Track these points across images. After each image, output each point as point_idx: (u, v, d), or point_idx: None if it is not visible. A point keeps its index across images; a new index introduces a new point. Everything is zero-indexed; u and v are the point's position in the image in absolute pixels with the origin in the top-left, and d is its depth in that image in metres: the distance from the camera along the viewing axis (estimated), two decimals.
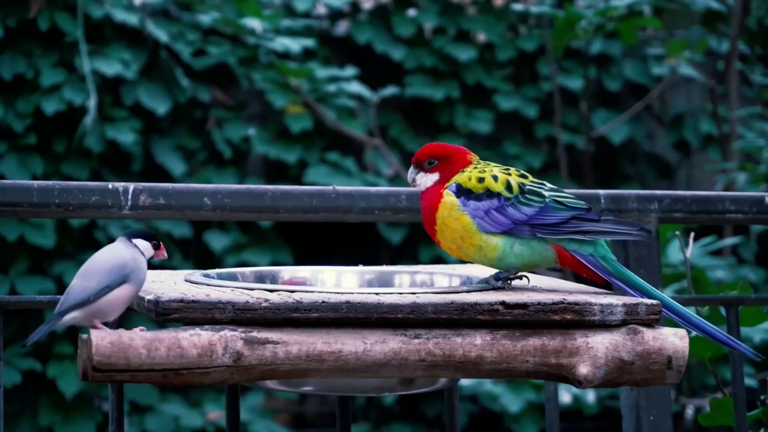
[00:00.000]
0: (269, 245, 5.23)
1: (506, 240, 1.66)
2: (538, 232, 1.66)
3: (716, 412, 2.21)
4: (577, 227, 1.66)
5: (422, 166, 1.76)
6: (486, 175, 1.71)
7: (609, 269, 1.66)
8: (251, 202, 2.10)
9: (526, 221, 1.66)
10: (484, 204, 1.68)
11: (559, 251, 1.67)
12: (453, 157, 1.76)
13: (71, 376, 4.69)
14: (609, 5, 4.80)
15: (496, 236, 1.67)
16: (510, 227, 1.66)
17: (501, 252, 1.66)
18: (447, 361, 1.53)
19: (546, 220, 1.66)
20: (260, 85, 5.33)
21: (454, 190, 1.70)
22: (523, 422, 5.03)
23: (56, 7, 4.97)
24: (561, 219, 1.66)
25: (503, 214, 1.66)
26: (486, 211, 1.67)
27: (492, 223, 1.66)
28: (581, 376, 1.56)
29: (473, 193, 1.69)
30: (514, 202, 1.67)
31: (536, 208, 1.67)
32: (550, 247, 1.67)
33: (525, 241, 1.66)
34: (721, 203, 2.29)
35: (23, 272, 4.81)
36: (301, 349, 1.48)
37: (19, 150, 4.91)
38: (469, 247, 1.68)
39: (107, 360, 1.42)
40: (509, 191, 1.69)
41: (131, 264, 1.52)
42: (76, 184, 2.00)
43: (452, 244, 1.70)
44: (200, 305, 1.47)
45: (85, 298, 1.49)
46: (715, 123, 5.33)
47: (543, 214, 1.66)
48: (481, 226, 1.67)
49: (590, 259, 1.66)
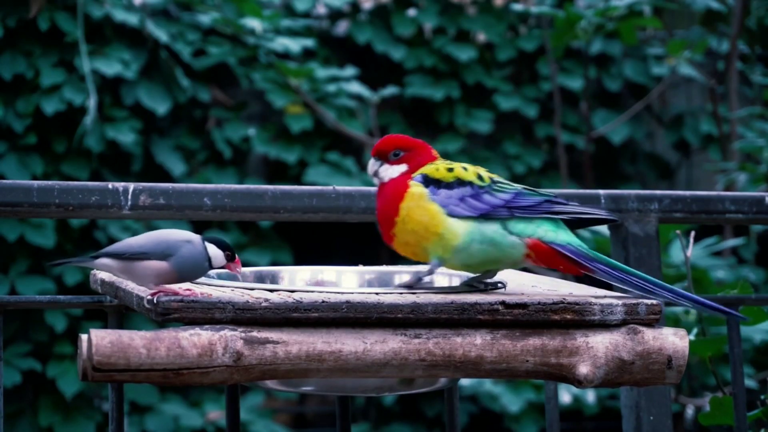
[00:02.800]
0: (269, 245, 5.23)
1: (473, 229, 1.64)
2: (516, 212, 1.65)
3: (716, 412, 2.21)
4: (551, 208, 1.66)
5: (386, 157, 1.72)
6: (455, 166, 1.70)
7: (590, 255, 1.65)
8: (251, 202, 2.10)
9: (503, 205, 1.66)
10: (457, 192, 1.66)
11: (535, 244, 1.65)
12: (419, 149, 1.73)
13: (71, 376, 4.69)
14: (609, 5, 4.80)
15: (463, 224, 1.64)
16: (488, 210, 1.65)
17: (461, 242, 1.64)
18: (447, 361, 1.53)
19: (522, 203, 1.66)
20: (260, 85, 5.33)
21: (421, 180, 1.68)
22: (523, 422, 5.03)
23: (56, 7, 4.97)
24: (535, 202, 1.67)
25: (479, 199, 1.66)
26: (460, 198, 1.66)
27: (468, 208, 1.65)
28: (581, 376, 1.56)
29: (443, 182, 1.67)
30: (488, 189, 1.67)
31: (511, 193, 1.67)
32: (522, 242, 1.65)
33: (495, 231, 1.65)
34: (721, 203, 2.29)
35: (23, 272, 4.81)
36: (301, 348, 1.48)
37: (19, 150, 4.91)
38: (431, 237, 1.65)
39: (107, 360, 1.42)
40: (481, 180, 1.68)
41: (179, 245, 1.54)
42: (76, 184, 2.00)
43: (410, 237, 1.66)
44: (200, 305, 1.47)
45: (120, 252, 1.53)
46: (715, 123, 5.33)
47: (518, 198, 1.67)
48: (454, 212, 1.65)
49: (569, 247, 1.65)
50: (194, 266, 1.56)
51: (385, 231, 1.69)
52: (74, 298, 1.98)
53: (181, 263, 1.54)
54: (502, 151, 5.75)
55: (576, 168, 5.74)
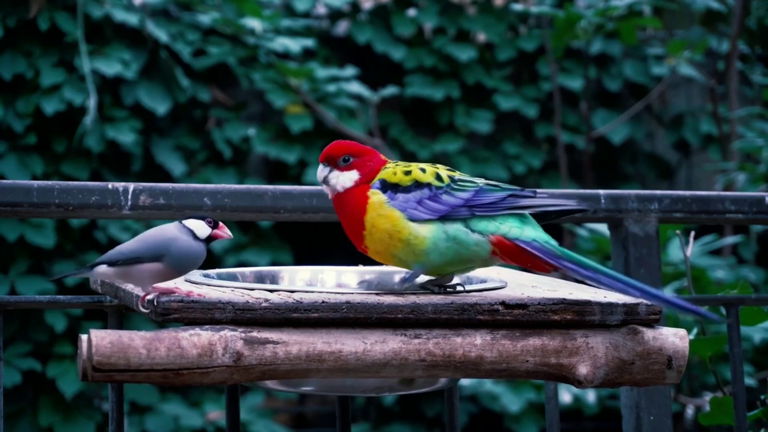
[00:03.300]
0: (269, 245, 5.23)
1: (435, 231, 1.60)
2: (477, 211, 1.60)
3: (716, 412, 2.21)
4: (514, 203, 1.60)
5: (335, 163, 1.66)
6: (413, 168, 1.65)
7: (557, 252, 1.59)
8: (251, 202, 2.09)
9: (463, 204, 1.60)
10: (415, 195, 1.61)
11: (499, 241, 1.60)
12: (369, 155, 1.67)
13: (71, 376, 4.69)
14: (609, 5, 4.80)
15: (425, 227, 1.60)
16: (447, 212, 1.60)
17: (429, 244, 1.60)
18: (447, 361, 1.53)
19: (483, 200, 1.60)
20: (260, 85, 5.33)
21: (379, 186, 1.63)
22: (523, 422, 5.03)
23: (56, 7, 4.97)
24: (498, 198, 1.61)
25: (437, 201, 1.61)
26: (418, 201, 1.61)
27: (426, 211, 1.60)
28: (581, 376, 1.56)
29: (401, 186, 1.62)
30: (446, 189, 1.62)
31: (471, 192, 1.61)
32: (486, 240, 1.60)
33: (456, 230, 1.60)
34: (721, 203, 2.29)
35: (23, 272, 4.81)
36: (301, 349, 1.48)
37: (19, 150, 4.91)
38: (397, 244, 1.61)
39: (107, 360, 1.42)
40: (439, 181, 1.63)
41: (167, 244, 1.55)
42: (76, 184, 2.00)
43: (380, 246, 1.63)
44: (200, 305, 1.47)
45: (114, 259, 1.56)
46: (715, 123, 5.33)
47: (479, 195, 1.61)
48: (413, 216, 1.60)
49: (534, 244, 1.59)
50: (188, 256, 1.57)
51: (357, 244, 1.66)
52: (74, 298, 1.98)
53: (175, 259, 1.55)
54: (502, 151, 5.75)
55: (576, 168, 5.74)
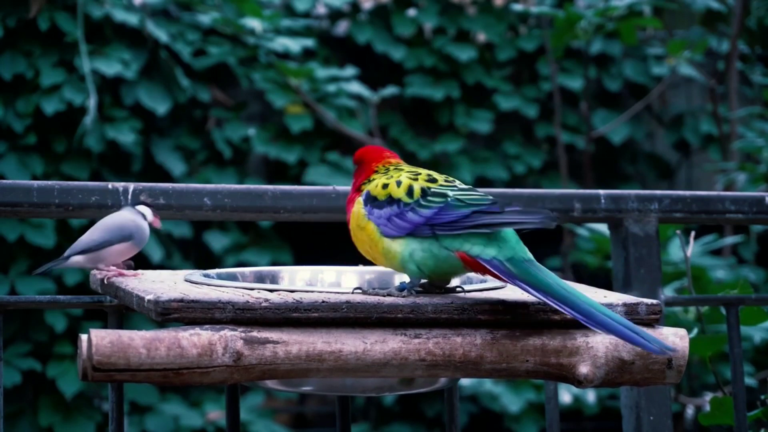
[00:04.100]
0: (269, 245, 5.23)
1: (405, 246, 1.61)
2: (438, 230, 1.59)
3: (716, 412, 2.21)
4: (476, 221, 1.58)
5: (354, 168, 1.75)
6: (391, 181, 1.65)
7: (513, 272, 1.55)
8: (251, 202, 2.09)
9: (424, 223, 1.60)
10: (386, 211, 1.63)
11: (462, 257, 1.59)
12: (365, 163, 1.71)
13: (71, 376, 4.69)
14: (609, 5, 4.80)
15: (396, 242, 1.61)
16: (410, 230, 1.60)
17: (401, 258, 1.61)
18: (447, 361, 1.53)
19: (444, 218, 1.59)
20: (260, 85, 5.33)
21: (365, 198, 1.66)
22: (523, 422, 5.04)
23: (56, 7, 4.97)
24: (460, 216, 1.59)
25: (403, 218, 1.61)
26: (388, 218, 1.62)
27: (394, 228, 1.61)
28: (581, 376, 1.55)
29: (377, 201, 1.64)
30: (413, 206, 1.61)
31: (435, 209, 1.60)
32: (453, 254, 1.59)
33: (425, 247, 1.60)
34: (721, 203, 2.29)
35: (23, 272, 4.81)
36: (301, 348, 1.48)
37: (19, 150, 4.91)
38: (378, 255, 1.64)
39: (107, 360, 1.42)
40: (409, 196, 1.62)
41: (131, 225, 1.77)
42: (76, 184, 2.00)
43: (366, 254, 1.67)
44: (200, 305, 1.47)
45: (87, 248, 1.76)
46: (715, 123, 5.33)
47: (441, 213, 1.59)
48: (385, 233, 1.62)
49: (493, 262, 1.56)
50: (146, 235, 1.80)
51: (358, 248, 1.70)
52: (74, 298, 1.98)
53: (139, 238, 1.78)
54: (502, 151, 5.75)
55: (576, 168, 5.74)
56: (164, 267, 4.75)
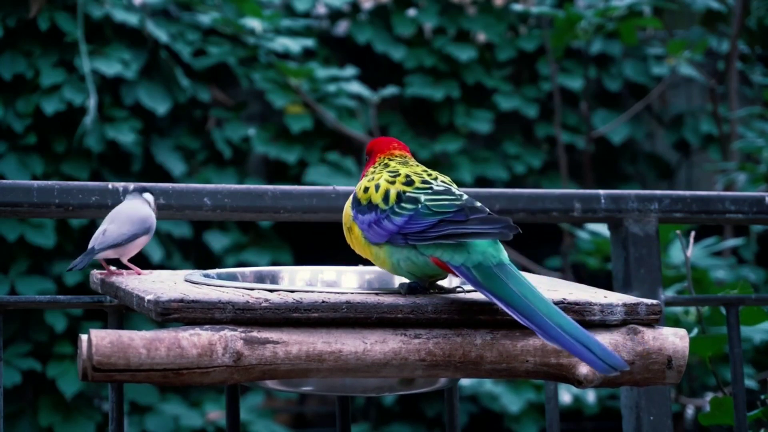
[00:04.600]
0: (269, 245, 5.23)
1: (390, 254, 1.61)
2: (410, 239, 1.59)
3: (716, 412, 2.21)
4: (441, 231, 1.57)
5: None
6: (371, 184, 1.65)
7: (478, 279, 1.55)
8: (251, 202, 2.09)
9: (397, 231, 1.59)
10: (367, 217, 1.63)
11: (435, 262, 1.58)
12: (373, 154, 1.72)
13: (71, 376, 4.69)
14: (609, 5, 4.81)
15: (382, 250, 1.62)
16: (388, 238, 1.60)
17: (391, 266, 1.62)
18: (447, 361, 1.53)
19: (414, 228, 1.58)
20: (260, 85, 5.33)
21: (353, 200, 1.67)
22: (523, 422, 5.03)
23: (56, 7, 4.97)
24: (427, 224, 1.58)
25: (380, 226, 1.61)
26: (369, 225, 1.62)
27: (374, 235, 1.62)
28: (581, 376, 1.55)
29: (361, 205, 1.64)
30: (388, 213, 1.60)
31: (406, 217, 1.59)
32: (428, 259, 1.59)
33: (406, 256, 1.60)
34: (721, 203, 2.29)
35: (23, 272, 4.81)
36: (301, 349, 1.48)
37: (19, 150, 4.91)
38: (371, 258, 1.64)
39: (107, 360, 1.42)
40: (385, 203, 1.62)
41: (151, 218, 1.79)
42: (76, 184, 2.00)
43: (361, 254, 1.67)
44: (200, 305, 1.47)
45: (119, 242, 1.75)
46: (715, 123, 5.33)
47: (411, 222, 1.59)
48: (369, 239, 1.63)
49: (461, 269, 1.56)
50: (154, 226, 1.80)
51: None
52: (74, 298, 1.98)
53: (154, 229, 1.79)
54: (502, 151, 5.75)
55: (576, 168, 5.74)
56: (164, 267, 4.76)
